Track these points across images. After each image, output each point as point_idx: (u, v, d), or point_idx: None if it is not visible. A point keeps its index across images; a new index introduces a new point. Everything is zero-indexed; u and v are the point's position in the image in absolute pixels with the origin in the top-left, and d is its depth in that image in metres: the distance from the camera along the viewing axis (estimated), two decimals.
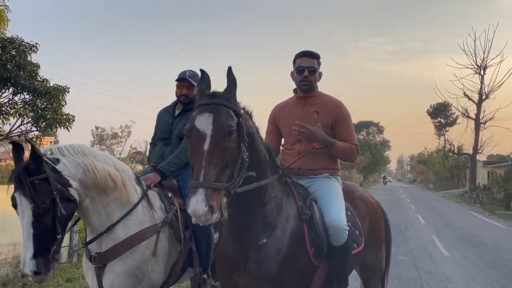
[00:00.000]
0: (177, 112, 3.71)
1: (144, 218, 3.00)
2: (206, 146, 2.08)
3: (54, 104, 9.38)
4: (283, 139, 3.31)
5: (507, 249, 11.77)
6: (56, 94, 9.34)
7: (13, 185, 2.51)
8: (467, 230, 15.59)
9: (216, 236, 3.56)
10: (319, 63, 3.18)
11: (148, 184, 3.24)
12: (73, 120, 9.77)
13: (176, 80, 3.67)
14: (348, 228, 2.86)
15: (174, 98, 3.81)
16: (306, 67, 3.11)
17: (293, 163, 3.05)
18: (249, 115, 2.49)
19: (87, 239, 2.99)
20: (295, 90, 3.26)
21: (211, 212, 1.98)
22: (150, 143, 3.91)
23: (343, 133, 3.13)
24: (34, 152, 2.53)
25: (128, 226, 2.91)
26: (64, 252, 2.72)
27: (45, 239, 2.48)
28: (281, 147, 3.36)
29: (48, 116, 9.23)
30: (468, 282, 7.71)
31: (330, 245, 2.80)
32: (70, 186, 2.63)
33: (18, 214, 2.53)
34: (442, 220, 19.24)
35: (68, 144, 2.83)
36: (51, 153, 2.67)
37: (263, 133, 2.79)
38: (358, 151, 3.20)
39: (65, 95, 9.79)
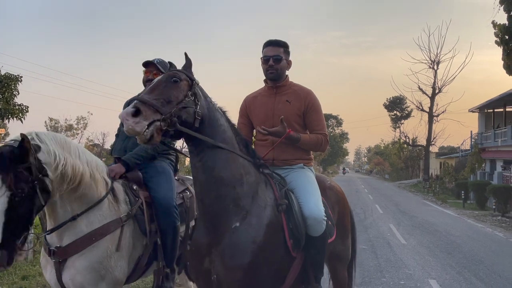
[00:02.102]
0: None
1: (109, 212, 2.90)
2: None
3: (6, 93, 8.88)
4: (255, 130, 3.27)
5: (460, 236, 12.36)
6: (7, 83, 8.85)
7: None
8: (422, 219, 16.24)
9: (182, 229, 3.49)
10: (286, 52, 3.15)
11: (112, 175, 3.14)
12: (27, 111, 9.30)
13: (143, 65, 3.56)
14: (326, 218, 2.87)
15: (133, 88, 3.71)
16: (271, 56, 3.08)
17: (266, 154, 3.03)
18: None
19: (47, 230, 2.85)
20: (265, 80, 3.22)
21: (138, 118, 2.08)
22: (116, 134, 3.78)
23: (313, 122, 3.13)
24: (25, 142, 2.38)
25: (91, 221, 2.81)
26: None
27: (15, 230, 2.33)
28: (253, 138, 3.33)
29: (0, 107, 8.73)
30: (425, 268, 8.03)
31: (308, 235, 2.80)
32: (47, 176, 2.50)
33: None
34: (399, 209, 19.94)
35: (47, 132, 2.69)
36: (32, 139, 2.52)
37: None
38: (328, 140, 3.20)
39: (17, 85, 9.31)
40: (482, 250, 10.25)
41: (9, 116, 8.99)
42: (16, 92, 9.19)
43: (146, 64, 3.56)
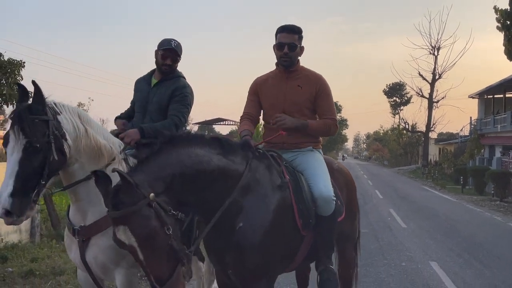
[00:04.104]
0: (154, 81, 3.55)
1: None
2: (141, 257, 2.11)
3: (10, 79, 8.88)
4: (263, 112, 3.32)
5: (459, 220, 12.53)
6: (11, 69, 8.84)
7: (10, 123, 2.43)
8: (422, 204, 16.42)
9: None
10: (300, 38, 3.17)
11: (128, 141, 3.13)
12: (31, 96, 9.30)
13: (162, 49, 3.47)
14: (335, 198, 2.96)
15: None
16: (286, 43, 3.09)
17: (270, 139, 3.09)
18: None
19: (70, 210, 2.92)
20: (277, 64, 3.25)
21: None
22: (130, 106, 3.74)
23: (322, 107, 3.19)
24: (39, 93, 2.47)
25: None
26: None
27: (28, 181, 2.37)
28: (261, 119, 3.39)
29: (4, 92, 8.74)
30: (425, 251, 8.18)
31: (318, 215, 2.89)
32: (66, 140, 2.57)
33: (6, 152, 2.43)
34: (398, 194, 20.12)
35: (68, 104, 2.75)
36: (55, 106, 2.61)
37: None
38: (337, 125, 3.26)
39: (20, 70, 9.29)
40: (481, 233, 10.41)
41: (14, 102, 8.99)
42: (20, 78, 9.18)
43: (166, 49, 3.46)
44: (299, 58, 3.23)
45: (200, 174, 2.38)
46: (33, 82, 2.47)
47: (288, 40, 3.10)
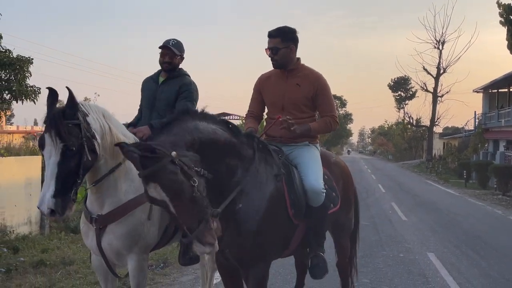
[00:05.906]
0: (161, 79, 3.79)
1: (140, 184, 3.14)
2: (172, 210, 2.28)
3: (19, 75, 9.10)
4: (266, 107, 3.53)
5: (460, 213, 12.68)
6: (20, 65, 9.06)
7: (45, 126, 2.65)
8: (424, 197, 16.57)
9: None
10: (286, 39, 3.29)
11: (140, 136, 3.33)
12: (39, 93, 9.52)
13: (160, 48, 3.74)
14: (325, 191, 3.17)
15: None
16: (269, 48, 3.29)
17: (267, 130, 3.32)
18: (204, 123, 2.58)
19: (87, 200, 3.14)
20: None
21: (213, 245, 2.32)
22: (139, 110, 3.96)
23: (322, 105, 3.39)
24: (72, 99, 2.69)
25: (127, 192, 3.09)
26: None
27: (66, 181, 2.62)
28: (264, 115, 3.59)
29: (14, 88, 8.97)
30: (424, 242, 8.37)
31: (309, 206, 3.11)
32: (96, 139, 2.80)
33: (44, 155, 2.66)
34: (401, 188, 20.26)
35: (93, 103, 2.99)
36: (83, 107, 2.82)
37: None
38: (337, 121, 3.45)
39: (29, 67, 9.52)
40: (481, 226, 10.57)
41: (23, 98, 9.23)
42: (28, 74, 9.40)
43: (162, 46, 3.71)
44: (298, 57, 3.40)
45: (215, 143, 2.60)
46: (68, 88, 2.68)
47: (270, 45, 3.31)
